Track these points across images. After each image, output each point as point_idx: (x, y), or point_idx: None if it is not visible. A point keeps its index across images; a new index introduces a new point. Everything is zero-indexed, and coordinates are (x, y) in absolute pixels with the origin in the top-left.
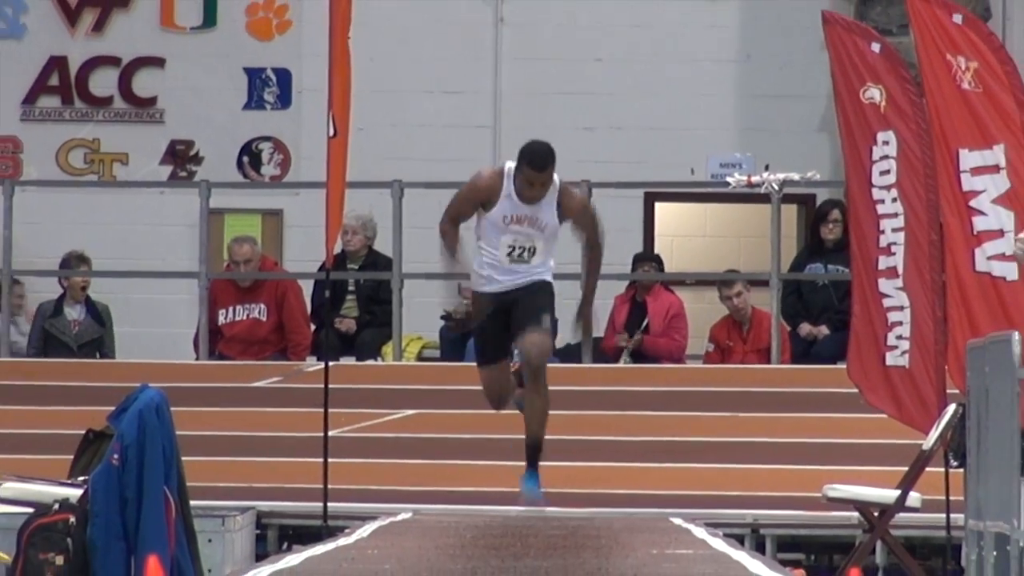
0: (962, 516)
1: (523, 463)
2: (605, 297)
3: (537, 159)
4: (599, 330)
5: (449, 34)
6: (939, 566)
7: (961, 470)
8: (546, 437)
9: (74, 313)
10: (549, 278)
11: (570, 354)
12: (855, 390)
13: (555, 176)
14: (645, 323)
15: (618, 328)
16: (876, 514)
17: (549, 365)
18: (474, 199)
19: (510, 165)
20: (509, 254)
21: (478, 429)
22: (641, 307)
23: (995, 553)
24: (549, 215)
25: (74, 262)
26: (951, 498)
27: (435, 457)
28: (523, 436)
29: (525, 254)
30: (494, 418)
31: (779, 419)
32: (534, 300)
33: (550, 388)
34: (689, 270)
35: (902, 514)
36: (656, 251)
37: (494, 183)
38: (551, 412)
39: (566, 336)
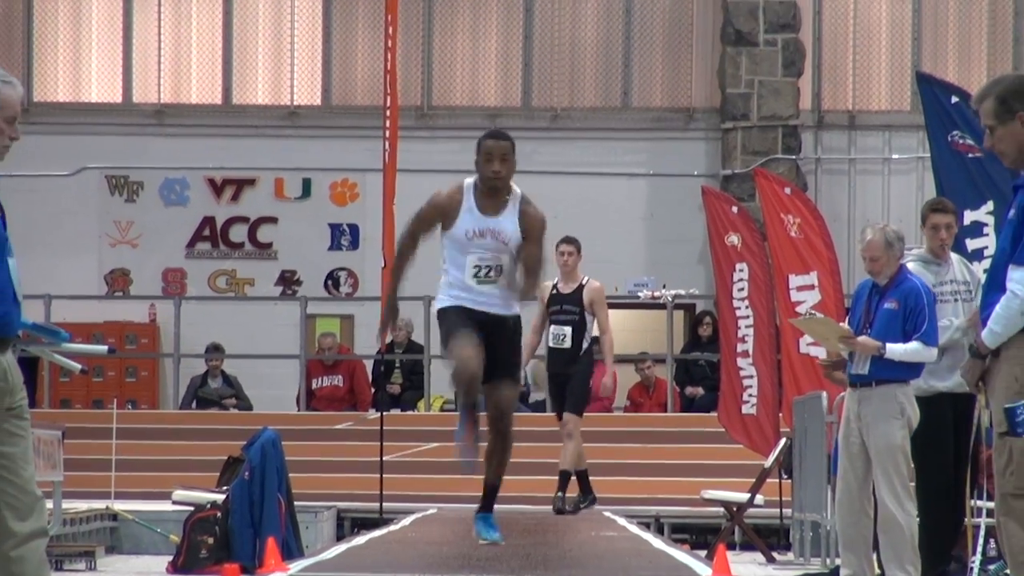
0: (790, 510)
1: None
2: None
3: (495, 131)
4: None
5: None
6: (776, 542)
7: (789, 480)
8: (528, 460)
9: (215, 383)
10: (518, 309)
11: (537, 407)
12: (722, 430)
13: (517, 188)
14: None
15: None
16: (735, 509)
17: (523, 413)
18: (433, 214)
19: (469, 181)
20: (476, 275)
21: (480, 456)
22: None
23: (811, 534)
24: (511, 227)
25: (212, 350)
26: (783, 498)
27: (451, 474)
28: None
29: (492, 273)
30: None
31: (673, 448)
32: (510, 350)
33: (524, 428)
34: (615, 352)
35: (752, 509)
36: None
37: (453, 197)
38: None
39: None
